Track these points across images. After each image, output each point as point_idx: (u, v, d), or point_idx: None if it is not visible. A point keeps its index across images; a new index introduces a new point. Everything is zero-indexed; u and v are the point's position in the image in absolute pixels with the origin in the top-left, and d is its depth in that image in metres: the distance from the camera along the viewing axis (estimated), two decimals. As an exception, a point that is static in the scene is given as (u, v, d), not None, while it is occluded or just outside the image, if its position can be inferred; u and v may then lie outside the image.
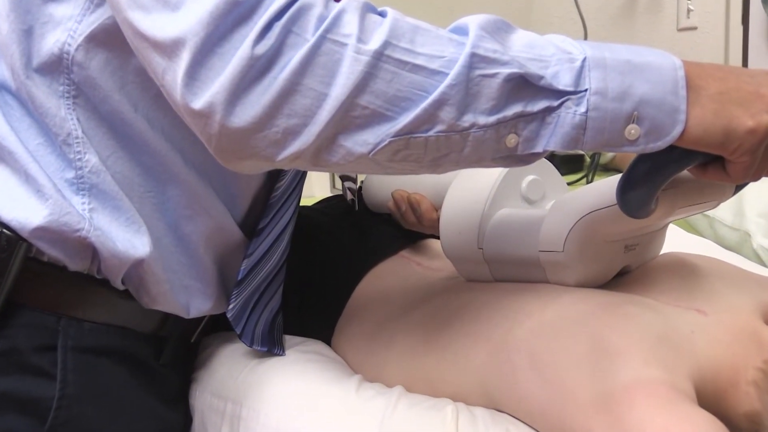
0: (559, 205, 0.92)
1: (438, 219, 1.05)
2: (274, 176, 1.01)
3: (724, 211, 1.54)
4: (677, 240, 1.38)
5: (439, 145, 0.73)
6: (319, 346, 1.07)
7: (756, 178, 0.78)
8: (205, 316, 1.05)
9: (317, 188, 1.91)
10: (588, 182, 2.07)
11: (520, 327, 0.88)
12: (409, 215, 1.14)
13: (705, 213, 1.55)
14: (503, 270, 0.99)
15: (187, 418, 1.04)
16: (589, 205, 0.88)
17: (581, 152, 2.25)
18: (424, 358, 0.95)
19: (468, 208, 0.99)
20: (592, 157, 2.18)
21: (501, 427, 0.84)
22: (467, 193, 1.00)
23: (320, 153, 0.74)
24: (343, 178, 1.21)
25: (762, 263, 1.39)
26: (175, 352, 1.03)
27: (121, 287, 0.93)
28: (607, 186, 0.87)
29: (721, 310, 0.88)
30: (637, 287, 0.94)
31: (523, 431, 0.84)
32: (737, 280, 0.95)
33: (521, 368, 0.85)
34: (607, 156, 2.30)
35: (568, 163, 2.19)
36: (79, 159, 0.87)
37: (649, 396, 0.76)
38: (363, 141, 0.73)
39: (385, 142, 0.73)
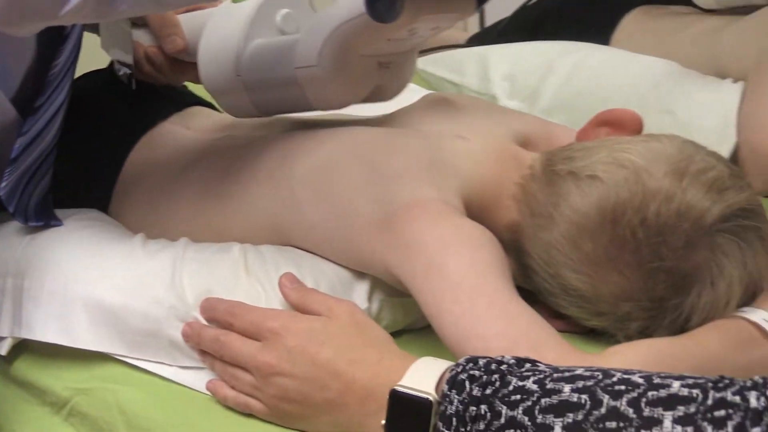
0: (313, 22, 1.03)
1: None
2: (47, 53, 1.05)
3: (471, 78, 1.73)
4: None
5: None
6: (95, 213, 1.14)
7: None
8: None
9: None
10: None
11: (302, 164, 1.01)
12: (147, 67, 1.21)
13: (453, 81, 1.74)
14: (264, 96, 1.09)
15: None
16: (341, 16, 0.99)
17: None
18: (207, 208, 1.06)
19: (224, 42, 1.08)
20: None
21: (288, 260, 0.97)
22: (223, 28, 1.09)
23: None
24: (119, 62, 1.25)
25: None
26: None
27: None
28: None
29: (481, 136, 1.04)
30: (405, 122, 1.10)
31: (310, 260, 0.97)
32: (491, 112, 1.14)
33: (306, 200, 0.98)
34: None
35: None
36: None
37: (425, 212, 0.91)
38: None
39: None
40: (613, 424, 0.65)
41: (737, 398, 0.63)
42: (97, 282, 0.96)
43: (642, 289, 0.88)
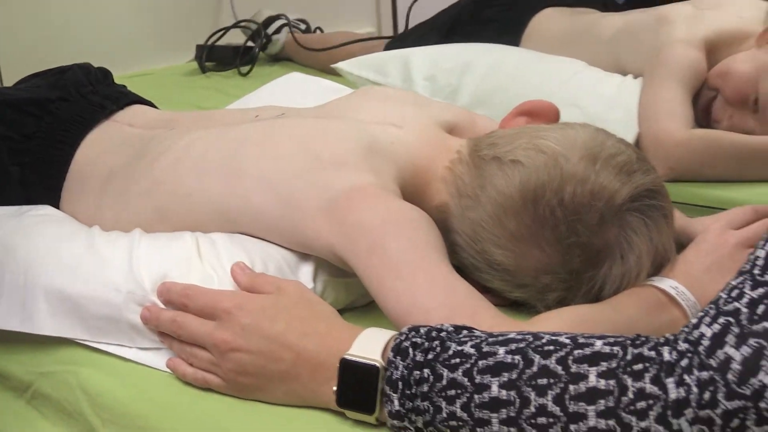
0: None
1: None
2: None
3: (394, 79, 1.78)
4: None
5: None
6: (49, 209, 1.15)
7: None
8: None
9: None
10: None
11: (249, 155, 1.04)
12: None
13: (377, 82, 1.79)
14: None
15: None
16: None
17: (253, 44, 2.45)
18: (158, 200, 1.08)
19: None
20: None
21: (237, 245, 1.00)
22: None
23: None
24: None
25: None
26: None
27: None
28: None
29: (412, 124, 1.10)
30: (341, 112, 1.14)
31: (258, 245, 1.01)
32: (420, 103, 1.20)
33: (254, 189, 1.01)
34: (277, 46, 2.50)
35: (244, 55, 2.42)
36: None
37: (365, 197, 0.95)
38: None
39: None
40: (544, 381, 0.70)
41: (652, 353, 0.68)
42: (57, 272, 0.98)
43: (560, 262, 0.94)
